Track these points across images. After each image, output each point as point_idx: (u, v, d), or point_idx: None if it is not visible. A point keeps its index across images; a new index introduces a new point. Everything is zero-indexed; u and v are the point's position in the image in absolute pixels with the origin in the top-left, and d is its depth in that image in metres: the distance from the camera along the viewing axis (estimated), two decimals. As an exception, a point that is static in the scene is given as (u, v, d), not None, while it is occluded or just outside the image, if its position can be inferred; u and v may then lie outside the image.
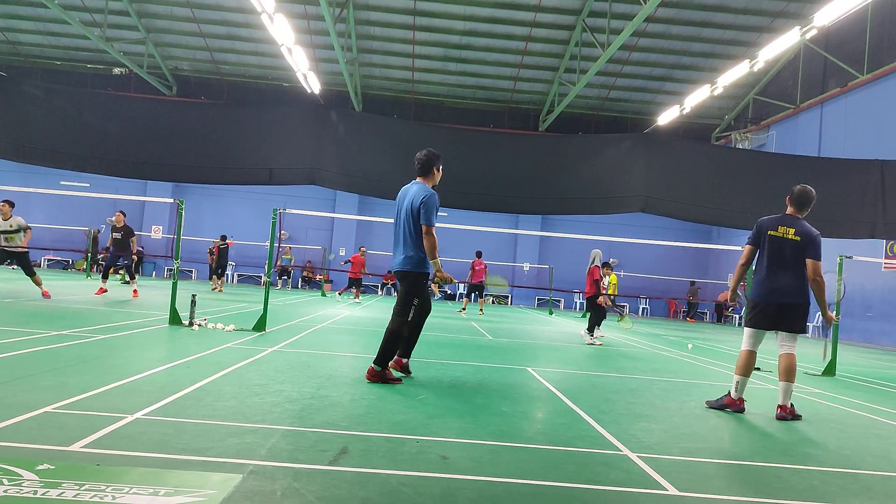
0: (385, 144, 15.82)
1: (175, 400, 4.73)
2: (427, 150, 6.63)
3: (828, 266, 6.91)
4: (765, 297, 6.21)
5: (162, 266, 33.38)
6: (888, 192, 17.23)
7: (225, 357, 7.01)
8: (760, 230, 6.32)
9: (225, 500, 2.85)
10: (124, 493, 2.83)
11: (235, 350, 7.65)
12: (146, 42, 29.45)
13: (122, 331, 8.61)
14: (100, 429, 3.81)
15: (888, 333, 21.36)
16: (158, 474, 3.11)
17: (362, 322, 13.97)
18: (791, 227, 6.20)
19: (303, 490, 3.08)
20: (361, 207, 32.62)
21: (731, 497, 3.57)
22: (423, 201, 6.23)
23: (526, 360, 9.11)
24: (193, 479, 3.07)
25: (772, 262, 6.21)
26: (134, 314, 11.06)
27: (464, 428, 4.67)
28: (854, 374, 11.01)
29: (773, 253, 6.20)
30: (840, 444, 5.20)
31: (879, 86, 22.65)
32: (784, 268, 6.15)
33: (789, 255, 6.14)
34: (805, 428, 5.79)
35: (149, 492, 2.86)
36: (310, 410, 4.79)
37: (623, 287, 33.25)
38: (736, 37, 26.37)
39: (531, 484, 3.51)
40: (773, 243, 6.21)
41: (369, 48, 29.04)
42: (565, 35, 26.81)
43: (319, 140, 15.40)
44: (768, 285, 6.19)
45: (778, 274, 6.16)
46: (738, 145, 29.95)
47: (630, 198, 16.58)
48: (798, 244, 6.13)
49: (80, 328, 8.47)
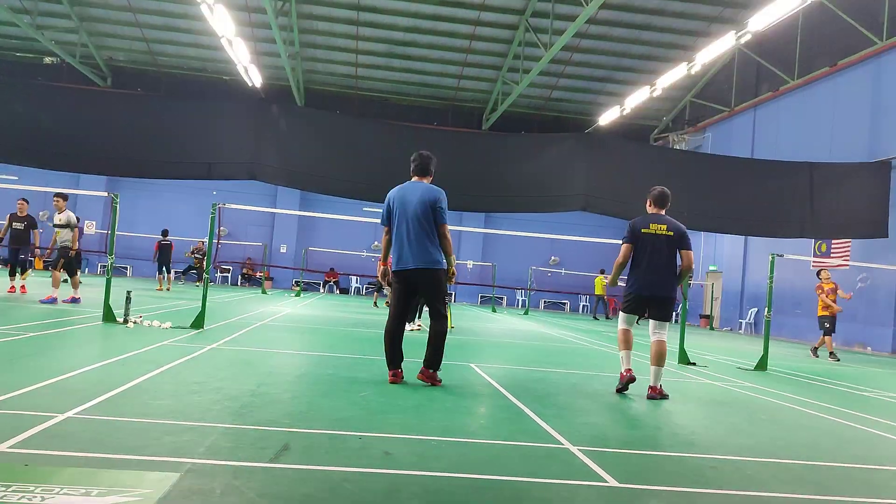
0: (328, 140, 15.69)
1: (109, 398, 4.58)
2: (425, 151, 6.69)
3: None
4: (640, 288, 6.75)
5: (95, 262, 32.35)
6: (816, 194, 17.93)
7: (161, 355, 6.82)
8: (635, 229, 6.83)
9: (161, 499, 2.77)
10: (54, 493, 2.72)
11: (172, 348, 7.46)
12: (79, 31, 28.47)
13: (53, 328, 8.31)
14: (28, 428, 3.65)
15: (816, 329, 22.06)
16: (91, 474, 3.00)
17: (303, 320, 13.81)
18: (662, 224, 6.79)
19: (243, 487, 3.01)
20: (303, 203, 32.24)
21: (669, 487, 3.65)
22: (440, 201, 6.28)
23: (469, 357, 9.15)
24: (128, 479, 2.98)
25: (648, 257, 6.72)
26: (65, 312, 10.68)
27: (407, 424, 4.66)
28: (785, 369, 11.40)
29: (649, 248, 6.72)
30: (772, 436, 5.36)
31: (809, 90, 23.50)
32: (659, 261, 6.70)
33: (664, 248, 6.72)
34: (739, 420, 5.96)
35: (81, 492, 2.76)
36: (250, 408, 4.70)
37: (564, 285, 33.75)
38: (674, 40, 27.01)
39: (475, 478, 3.51)
40: (647, 240, 6.74)
41: (312, 42, 28.70)
42: (509, 34, 27.01)
43: (260, 134, 15.18)
44: (645, 277, 6.71)
45: (653, 267, 6.69)
46: (676, 146, 30.70)
47: (571, 196, 16.84)
48: (672, 238, 6.75)
49: (6, 326, 8.14)
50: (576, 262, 34.21)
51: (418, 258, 6.20)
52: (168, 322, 9.81)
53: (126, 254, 30.29)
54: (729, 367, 10.84)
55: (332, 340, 10.05)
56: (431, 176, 6.61)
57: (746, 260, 25.99)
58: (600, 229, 30.98)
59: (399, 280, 6.35)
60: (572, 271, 34.06)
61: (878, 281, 19.71)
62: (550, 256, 34.57)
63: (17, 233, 13.75)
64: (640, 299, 6.79)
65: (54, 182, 27.23)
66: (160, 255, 21.06)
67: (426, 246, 6.21)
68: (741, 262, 26.43)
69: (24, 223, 13.82)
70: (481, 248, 34.10)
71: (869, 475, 4.33)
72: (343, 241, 32.58)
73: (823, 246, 21.66)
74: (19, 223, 13.79)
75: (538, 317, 25.20)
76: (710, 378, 9.05)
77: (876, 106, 20.36)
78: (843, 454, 4.91)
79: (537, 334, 15.38)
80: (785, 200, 17.84)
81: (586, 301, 34.75)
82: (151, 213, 31.71)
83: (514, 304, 34.32)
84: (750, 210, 17.63)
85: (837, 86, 22.16)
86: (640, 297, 6.78)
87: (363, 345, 9.66)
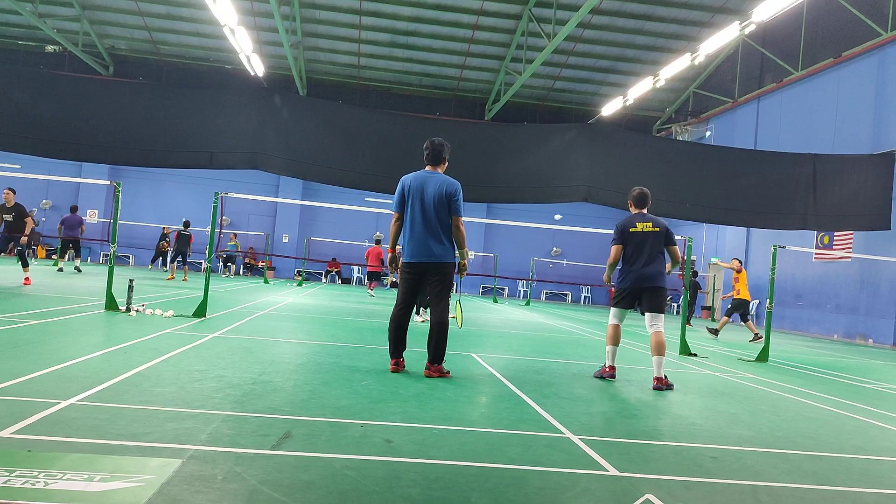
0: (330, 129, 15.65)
1: (111, 385, 4.60)
2: (438, 138, 6.55)
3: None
4: (632, 282, 7.02)
5: (98, 251, 32.38)
6: (819, 185, 17.88)
7: (164, 343, 6.85)
8: (623, 230, 7.14)
9: (164, 484, 2.78)
10: (57, 479, 2.74)
11: (175, 336, 7.48)
12: (81, 19, 28.40)
13: (56, 316, 8.33)
14: (31, 415, 3.67)
15: (817, 321, 22.19)
16: (93, 460, 3.02)
17: (305, 309, 13.84)
18: (648, 222, 7.13)
19: (244, 474, 3.03)
20: (305, 193, 32.24)
21: (669, 476, 3.66)
22: (457, 193, 6.28)
23: (471, 347, 9.16)
24: (130, 465, 2.99)
25: (637, 254, 7.03)
26: (68, 300, 10.70)
27: (408, 412, 4.67)
28: (786, 360, 11.41)
29: (638, 246, 7.04)
30: (772, 426, 5.38)
31: (813, 82, 23.41)
32: (649, 256, 7.00)
33: (653, 245, 7.03)
34: (740, 411, 5.98)
35: (83, 477, 2.77)
36: (252, 396, 4.72)
37: (566, 275, 33.77)
38: (678, 31, 26.89)
39: (475, 466, 3.53)
40: (635, 238, 7.06)
41: (315, 32, 28.62)
42: (512, 24, 26.91)
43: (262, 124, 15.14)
44: (637, 273, 7.00)
45: (643, 263, 6.99)
46: (679, 137, 30.61)
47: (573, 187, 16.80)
48: (659, 234, 7.08)
49: (10, 313, 8.16)
50: (577, 252, 34.21)
51: (431, 252, 6.19)
52: (170, 311, 9.83)
53: (128, 242, 30.32)
54: (730, 359, 10.86)
55: (333, 330, 10.07)
56: (445, 163, 6.54)
57: (749, 251, 25.98)
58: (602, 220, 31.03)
59: (410, 271, 6.31)
60: (574, 262, 34.06)
61: (880, 273, 19.70)
62: (552, 247, 34.56)
63: (10, 225, 13.58)
64: (633, 292, 7.06)
65: (56, 171, 27.32)
66: (178, 244, 20.74)
67: (440, 239, 6.21)
68: (743, 253, 26.42)
69: (12, 213, 13.60)
70: (483, 238, 34.10)
71: (869, 466, 4.34)
72: (345, 231, 32.62)
73: (826, 238, 21.63)
74: (8, 214, 13.57)
75: (540, 307, 25.22)
76: (711, 369, 9.06)
77: (880, 98, 20.29)
78: (843, 445, 4.92)
79: (539, 324, 15.40)
80: (788, 192, 17.79)
81: (587, 292, 34.77)
82: (154, 202, 31.75)
83: (516, 294, 34.34)
84: (752, 201, 17.59)
85: (841, 77, 22.08)
86: (633, 291, 7.05)
87: (364, 334, 9.68)
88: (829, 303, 21.76)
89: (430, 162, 6.47)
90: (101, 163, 24.75)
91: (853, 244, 20.55)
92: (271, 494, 2.82)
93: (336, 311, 13.80)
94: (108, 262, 10.15)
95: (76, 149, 14.63)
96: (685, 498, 3.30)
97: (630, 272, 7.04)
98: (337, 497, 2.88)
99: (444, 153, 6.51)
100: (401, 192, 6.38)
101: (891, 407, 7.00)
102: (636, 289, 7.02)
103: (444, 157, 6.51)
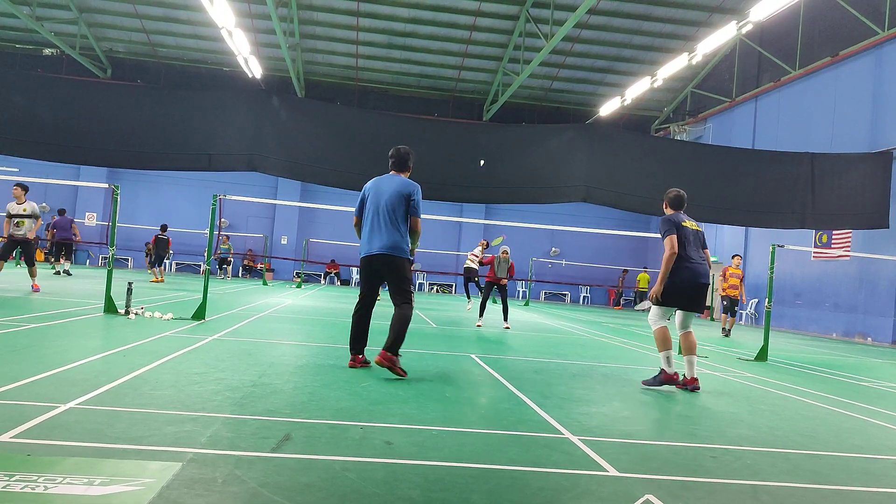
0: (328, 131, 15.66)
1: (110, 389, 4.60)
2: (403, 146, 6.77)
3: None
4: (689, 277, 6.75)
5: (97, 254, 32.36)
6: (817, 184, 17.91)
7: (163, 346, 6.84)
8: (676, 222, 6.91)
9: (164, 488, 2.78)
10: (57, 483, 2.74)
11: (173, 339, 7.48)
12: (78, 22, 28.39)
13: (54, 320, 8.33)
14: (31, 419, 3.67)
15: (816, 320, 22.20)
16: (93, 463, 3.02)
17: (304, 311, 13.83)
18: (692, 221, 7.09)
19: (244, 477, 3.03)
20: (304, 194, 32.22)
21: (669, 477, 3.67)
22: (414, 194, 6.41)
23: (469, 347, 9.16)
24: (130, 468, 2.99)
25: (690, 250, 6.84)
26: (67, 303, 10.70)
27: (407, 414, 4.67)
28: (785, 359, 11.42)
29: (690, 242, 6.89)
30: (771, 425, 5.38)
31: (810, 81, 23.42)
32: (697, 254, 6.89)
33: (698, 242, 6.99)
34: (739, 410, 5.98)
35: (83, 481, 2.77)
36: (251, 398, 4.72)
37: (565, 276, 33.77)
38: (675, 30, 26.91)
39: (475, 467, 3.53)
40: (688, 234, 6.91)
41: (312, 33, 28.61)
42: (509, 25, 26.92)
43: (260, 126, 15.14)
44: (691, 269, 6.76)
45: (694, 260, 6.82)
46: (677, 137, 30.62)
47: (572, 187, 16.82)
48: (700, 234, 7.07)
49: (8, 317, 8.16)
50: (576, 253, 34.21)
51: (383, 244, 6.33)
52: (169, 313, 9.82)
53: (127, 245, 30.32)
54: (729, 358, 10.86)
55: (332, 332, 10.06)
56: (409, 171, 6.74)
57: (747, 250, 25.98)
58: (600, 220, 31.03)
59: (364, 265, 6.49)
60: (573, 262, 34.05)
61: (879, 271, 19.71)
62: (551, 247, 34.57)
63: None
64: (688, 291, 6.75)
65: (54, 174, 27.31)
66: (156, 248, 20.88)
67: (393, 234, 6.34)
68: (742, 252, 26.42)
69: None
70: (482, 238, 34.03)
71: (867, 464, 4.34)
72: (344, 233, 32.57)
73: (825, 237, 21.64)
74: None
75: (538, 307, 25.22)
76: (711, 368, 9.07)
77: (877, 96, 20.30)
78: (841, 444, 4.92)
79: (538, 325, 15.40)
80: (786, 191, 17.81)
81: (586, 292, 34.76)
82: (152, 205, 31.72)
83: (515, 294, 34.32)
84: (751, 201, 17.61)
85: (839, 76, 22.09)
86: (687, 289, 6.74)
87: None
88: (827, 301, 21.77)
89: (395, 168, 6.69)
90: (100, 166, 24.71)
91: (851, 243, 20.56)
92: (271, 497, 2.83)
93: (335, 313, 13.79)
94: (106, 265, 10.14)
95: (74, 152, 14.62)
96: (685, 498, 3.31)
97: (686, 268, 6.72)
98: (337, 499, 2.88)
99: (410, 160, 6.73)
100: (361, 197, 6.66)
101: (890, 406, 7.01)
102: (694, 284, 6.74)
103: (409, 165, 6.73)
